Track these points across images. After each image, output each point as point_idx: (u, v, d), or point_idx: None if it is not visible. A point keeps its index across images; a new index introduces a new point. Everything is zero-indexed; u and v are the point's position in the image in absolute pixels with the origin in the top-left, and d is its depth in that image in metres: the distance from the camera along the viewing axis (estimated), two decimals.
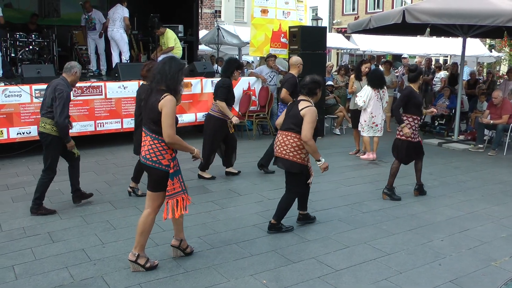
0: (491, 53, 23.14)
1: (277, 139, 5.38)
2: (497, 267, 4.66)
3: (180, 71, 4.23)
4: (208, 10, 27.37)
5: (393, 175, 6.75)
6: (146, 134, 4.25)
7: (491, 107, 10.36)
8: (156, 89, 4.19)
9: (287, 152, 5.21)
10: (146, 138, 4.26)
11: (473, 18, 9.06)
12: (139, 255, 4.38)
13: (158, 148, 4.19)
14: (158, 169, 4.21)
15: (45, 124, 5.77)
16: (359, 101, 8.80)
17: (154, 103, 4.14)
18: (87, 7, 11.86)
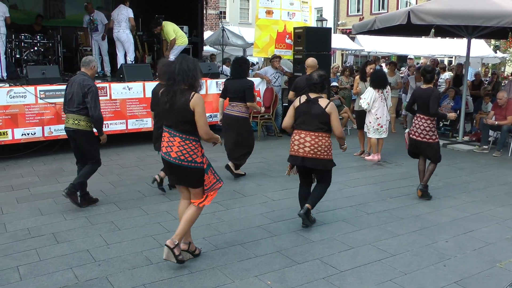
0: (496, 54, 23.08)
1: (302, 139, 5.36)
2: (502, 269, 4.64)
3: (196, 67, 4.28)
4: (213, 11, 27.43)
5: (423, 171, 6.89)
6: (173, 135, 4.28)
7: (496, 108, 10.33)
8: (180, 89, 4.22)
9: (322, 152, 5.35)
10: (174, 139, 4.29)
11: (478, 19, 9.03)
12: (177, 244, 4.39)
13: (191, 148, 4.28)
14: (195, 168, 4.32)
15: (80, 121, 5.91)
16: (363, 104, 8.78)
17: (184, 104, 4.18)
18: (89, 8, 11.89)
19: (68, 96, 5.97)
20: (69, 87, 5.98)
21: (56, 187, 6.96)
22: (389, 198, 6.78)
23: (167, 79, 4.34)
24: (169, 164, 4.39)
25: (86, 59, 6.11)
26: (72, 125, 5.93)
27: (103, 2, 14.39)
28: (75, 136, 5.99)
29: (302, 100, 5.43)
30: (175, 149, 4.28)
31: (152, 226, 5.51)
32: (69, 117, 5.95)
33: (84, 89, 5.82)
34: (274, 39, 12.00)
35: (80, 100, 5.85)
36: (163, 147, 4.38)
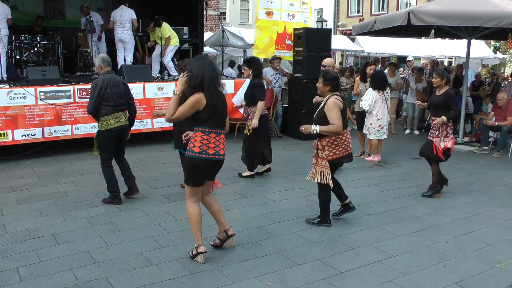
0: (496, 55, 23.09)
1: (350, 138, 5.62)
2: (502, 269, 4.64)
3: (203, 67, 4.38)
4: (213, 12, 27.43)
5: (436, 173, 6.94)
6: (219, 134, 4.51)
7: (496, 108, 10.33)
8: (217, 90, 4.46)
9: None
10: (219, 137, 4.52)
11: (478, 20, 9.04)
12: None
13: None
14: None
15: (126, 116, 6.31)
16: (364, 105, 8.77)
17: (225, 102, 4.56)
18: (84, 10, 11.90)
19: (113, 96, 6.07)
20: (111, 87, 6.06)
21: (56, 188, 6.97)
22: (389, 199, 6.79)
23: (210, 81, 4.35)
24: (221, 163, 4.64)
25: (107, 57, 6.35)
26: (125, 122, 6.26)
27: (103, 3, 14.39)
28: (125, 132, 6.34)
29: (342, 101, 5.52)
30: (221, 146, 4.54)
31: (152, 227, 5.51)
32: (120, 115, 6.18)
33: (128, 88, 6.31)
34: (274, 40, 12.00)
35: (127, 98, 6.27)
36: (211, 148, 4.44)
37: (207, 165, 4.47)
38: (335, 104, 5.37)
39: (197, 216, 4.58)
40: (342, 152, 5.47)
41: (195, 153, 4.40)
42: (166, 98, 9.82)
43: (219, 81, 4.44)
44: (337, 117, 5.33)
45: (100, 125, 6.11)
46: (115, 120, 6.09)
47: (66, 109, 8.87)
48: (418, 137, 11.90)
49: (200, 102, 4.32)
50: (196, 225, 4.58)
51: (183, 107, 4.33)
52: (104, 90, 6.01)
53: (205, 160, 4.42)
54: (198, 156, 4.40)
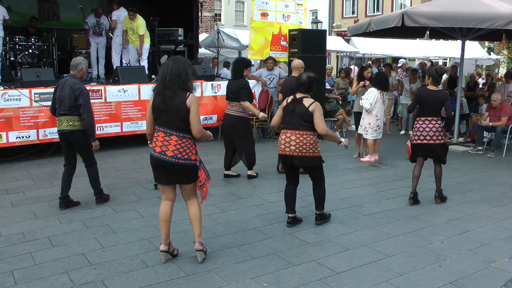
0: (490, 55, 23.18)
1: (287, 138, 5.46)
2: (497, 268, 4.66)
3: (187, 71, 4.40)
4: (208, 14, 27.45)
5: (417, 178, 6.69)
6: (169, 134, 4.38)
7: (490, 109, 10.37)
8: (173, 90, 4.32)
9: (307, 150, 5.43)
10: (170, 138, 4.38)
11: (472, 21, 9.07)
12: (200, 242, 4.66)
13: (187, 146, 4.43)
14: (190, 165, 4.47)
15: (74, 121, 5.96)
16: (365, 104, 8.78)
17: (181, 103, 4.32)
18: (100, 12, 11.86)
19: (58, 99, 5.96)
20: (59, 90, 5.97)
21: (51, 190, 6.95)
22: (385, 199, 6.80)
23: (159, 83, 4.44)
24: (162, 163, 4.42)
25: (74, 61, 6.10)
26: (67, 127, 5.96)
27: (98, 5, 14.35)
28: (70, 138, 6.02)
29: (289, 100, 5.55)
30: (171, 148, 4.37)
31: (148, 229, 5.50)
32: (62, 120, 5.97)
33: (75, 92, 5.85)
34: (269, 41, 12.01)
35: (72, 103, 5.89)
36: (157, 146, 4.42)
37: (153, 162, 4.50)
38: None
39: (161, 214, 4.63)
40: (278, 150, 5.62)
41: (151, 148, 4.52)
42: None
43: (167, 84, 4.33)
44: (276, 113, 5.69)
45: None
46: (58, 124, 6.03)
47: None
48: None
49: (150, 101, 4.49)
50: (161, 224, 4.64)
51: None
52: (54, 92, 6.03)
53: (152, 157, 4.49)
54: (151, 152, 4.50)
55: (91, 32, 11.85)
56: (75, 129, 5.97)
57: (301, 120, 5.40)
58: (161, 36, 12.58)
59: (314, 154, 5.49)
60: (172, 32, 12.72)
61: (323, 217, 5.78)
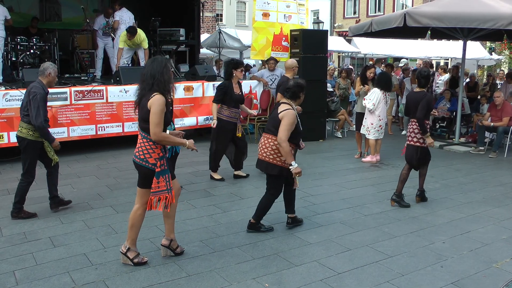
0: (491, 56, 23.16)
1: (260, 141, 5.45)
2: (499, 269, 4.65)
3: (163, 71, 4.37)
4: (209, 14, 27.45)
5: (403, 181, 6.60)
6: (139, 133, 4.47)
7: (492, 109, 10.36)
8: (147, 91, 4.36)
9: (267, 154, 5.28)
10: (139, 136, 4.48)
11: (473, 22, 9.07)
12: (129, 248, 4.55)
13: (146, 147, 4.40)
14: (145, 167, 4.43)
15: (22, 128, 5.79)
16: (368, 104, 8.77)
17: (144, 103, 4.33)
18: (110, 13, 11.84)
19: (22, 103, 5.92)
20: (25, 95, 5.84)
21: None
22: (386, 199, 6.78)
23: (140, 82, 4.49)
24: (135, 164, 4.58)
25: (41, 67, 5.94)
26: (20, 134, 5.81)
27: (99, 5, 14.39)
28: (19, 142, 5.90)
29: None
30: (137, 146, 4.48)
31: (149, 229, 5.49)
32: (21, 125, 5.83)
33: (29, 96, 5.70)
34: (270, 41, 12.01)
35: (25, 107, 5.76)
36: (137, 151, 4.55)
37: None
38: None
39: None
40: None
41: None
42: None
43: (143, 83, 4.41)
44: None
45: None
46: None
47: (62, 111, 8.86)
48: None
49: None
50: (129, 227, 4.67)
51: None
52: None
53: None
54: None
55: (100, 32, 11.85)
56: (22, 136, 5.79)
57: (271, 125, 5.29)
58: (162, 36, 12.59)
59: (274, 161, 5.24)
60: (173, 32, 12.71)
61: (255, 227, 5.48)
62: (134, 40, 10.79)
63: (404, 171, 6.70)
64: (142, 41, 10.93)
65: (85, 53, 12.54)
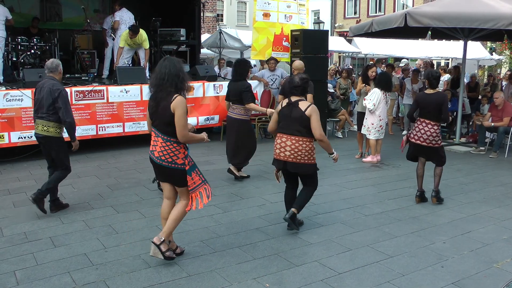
0: (492, 56, 23.16)
1: (283, 143, 5.29)
2: (499, 269, 4.65)
3: (182, 70, 4.39)
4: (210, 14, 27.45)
5: (421, 177, 6.75)
6: (157, 135, 4.40)
7: (492, 109, 10.36)
8: (166, 92, 4.31)
9: (302, 157, 5.25)
10: (157, 139, 4.41)
11: (474, 22, 9.07)
12: (164, 240, 4.50)
13: (172, 149, 4.37)
14: (176, 169, 4.40)
15: (48, 127, 5.83)
16: (369, 104, 8.76)
17: (166, 106, 4.28)
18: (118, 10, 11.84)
19: (37, 102, 5.88)
20: (38, 92, 5.86)
21: None
22: (387, 200, 6.79)
23: (154, 83, 4.39)
24: (152, 162, 4.53)
25: (52, 63, 5.99)
26: (41, 132, 5.87)
27: (100, 6, 14.39)
28: (45, 142, 5.94)
29: (283, 104, 5.40)
30: (158, 149, 4.41)
31: (150, 229, 5.50)
32: (38, 123, 5.89)
33: (54, 94, 5.73)
34: (271, 41, 12.01)
35: (50, 105, 5.77)
36: (151, 145, 4.50)
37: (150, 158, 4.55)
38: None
39: (161, 211, 4.73)
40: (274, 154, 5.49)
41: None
42: None
43: (158, 84, 4.33)
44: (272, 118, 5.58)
45: None
46: (35, 126, 5.96)
47: None
48: None
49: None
50: (161, 221, 4.72)
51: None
52: (34, 95, 5.96)
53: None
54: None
55: (110, 32, 11.84)
56: (49, 135, 5.86)
57: (298, 125, 5.22)
58: (163, 36, 12.59)
59: (310, 162, 5.31)
60: (174, 32, 12.72)
61: (294, 219, 5.40)
62: (135, 40, 10.77)
63: (420, 171, 6.74)
64: (143, 41, 10.89)
65: (86, 53, 12.54)
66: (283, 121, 5.35)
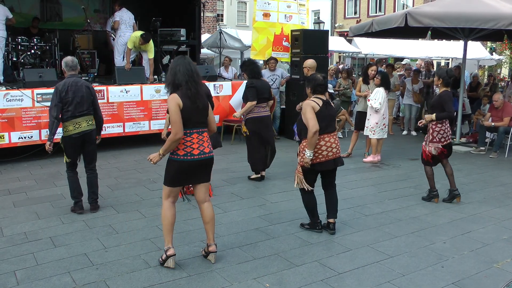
0: (492, 56, 23.15)
1: (328, 143, 5.23)
2: (499, 269, 4.65)
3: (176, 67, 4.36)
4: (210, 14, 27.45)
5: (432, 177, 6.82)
6: (202, 132, 4.44)
7: (492, 109, 10.36)
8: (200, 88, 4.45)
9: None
10: (203, 135, 4.44)
11: (474, 22, 9.06)
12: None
13: (208, 140, 4.53)
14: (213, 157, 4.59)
15: (92, 121, 6.05)
16: (375, 103, 8.73)
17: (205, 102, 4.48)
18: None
19: (73, 100, 5.80)
20: (73, 91, 5.78)
21: (53, 190, 6.95)
22: (387, 200, 6.79)
23: (189, 81, 4.29)
24: (207, 162, 4.50)
25: (73, 61, 6.00)
26: (88, 127, 5.95)
27: (100, 6, 14.39)
28: (89, 137, 6.00)
29: (320, 104, 5.22)
30: (206, 144, 4.45)
31: (150, 229, 5.50)
32: (81, 120, 5.88)
33: (92, 91, 6.01)
34: (271, 41, 12.00)
35: (90, 102, 5.95)
36: (206, 147, 4.44)
37: (194, 166, 4.39)
38: (307, 105, 5.22)
39: (170, 218, 4.49)
40: (315, 158, 5.21)
41: (180, 156, 4.33)
42: (163, 100, 9.82)
43: (195, 79, 4.31)
44: (310, 117, 5.13)
45: (62, 130, 5.94)
46: (74, 127, 5.86)
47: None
48: (416, 138, 11.93)
49: (177, 101, 4.22)
50: (168, 227, 4.49)
51: (171, 117, 4.25)
52: (65, 94, 5.77)
53: (192, 162, 4.36)
54: (183, 159, 4.33)
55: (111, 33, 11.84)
56: (93, 129, 6.05)
57: (334, 122, 5.47)
58: (163, 36, 12.58)
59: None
60: (174, 32, 12.70)
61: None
62: (143, 46, 10.83)
63: (430, 171, 6.80)
64: (149, 50, 10.94)
65: (86, 53, 12.53)
66: (325, 121, 5.21)
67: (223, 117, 10.77)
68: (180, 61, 4.39)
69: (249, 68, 7.74)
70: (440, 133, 6.64)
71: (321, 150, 5.20)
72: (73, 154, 6.03)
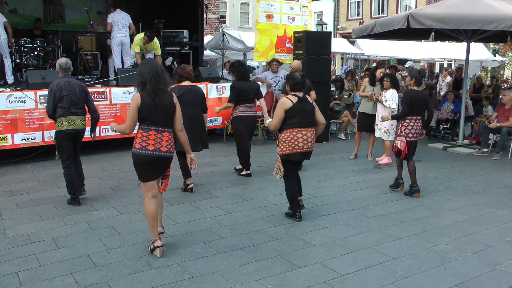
0: (495, 57, 23.11)
1: (305, 136, 5.69)
2: (502, 271, 4.64)
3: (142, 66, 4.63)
4: (213, 16, 27.44)
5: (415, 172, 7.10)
6: (162, 131, 4.70)
7: (499, 109, 10.33)
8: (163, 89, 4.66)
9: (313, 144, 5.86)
10: (161, 135, 4.69)
11: (477, 23, 9.05)
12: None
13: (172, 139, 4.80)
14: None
15: (83, 121, 6.36)
16: (393, 105, 8.64)
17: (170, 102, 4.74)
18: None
19: (68, 98, 6.14)
20: (67, 90, 6.14)
21: (56, 192, 6.96)
22: (390, 201, 6.78)
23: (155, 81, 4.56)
24: (161, 160, 4.71)
25: (67, 64, 6.29)
26: (81, 126, 6.33)
27: (103, 7, 14.41)
28: (79, 137, 6.40)
29: (293, 100, 5.65)
30: (165, 144, 4.67)
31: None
32: (75, 119, 6.24)
33: (85, 90, 6.32)
34: (274, 43, 12.01)
35: (83, 102, 6.29)
36: (163, 146, 4.67)
37: (148, 161, 4.64)
38: (280, 103, 5.75)
39: (152, 212, 4.75)
40: (288, 149, 5.69)
41: (136, 149, 4.66)
42: None
43: (161, 80, 4.56)
44: (276, 114, 5.69)
45: (56, 125, 6.24)
46: (69, 123, 6.19)
47: None
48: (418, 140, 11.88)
49: (136, 100, 4.54)
50: (152, 221, 4.77)
51: (129, 113, 4.64)
52: (59, 93, 6.10)
53: (145, 156, 4.62)
54: (139, 152, 4.64)
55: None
56: (84, 129, 6.42)
57: (311, 117, 5.74)
58: (166, 38, 12.60)
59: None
60: (177, 34, 12.73)
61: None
62: (148, 46, 10.86)
63: (413, 165, 7.08)
64: (155, 48, 11.00)
65: (89, 55, 12.55)
66: (298, 116, 5.66)
67: (226, 119, 10.76)
68: (145, 61, 4.74)
69: (237, 70, 8.00)
70: (408, 129, 7.03)
71: (297, 142, 5.68)
72: (67, 149, 6.33)
